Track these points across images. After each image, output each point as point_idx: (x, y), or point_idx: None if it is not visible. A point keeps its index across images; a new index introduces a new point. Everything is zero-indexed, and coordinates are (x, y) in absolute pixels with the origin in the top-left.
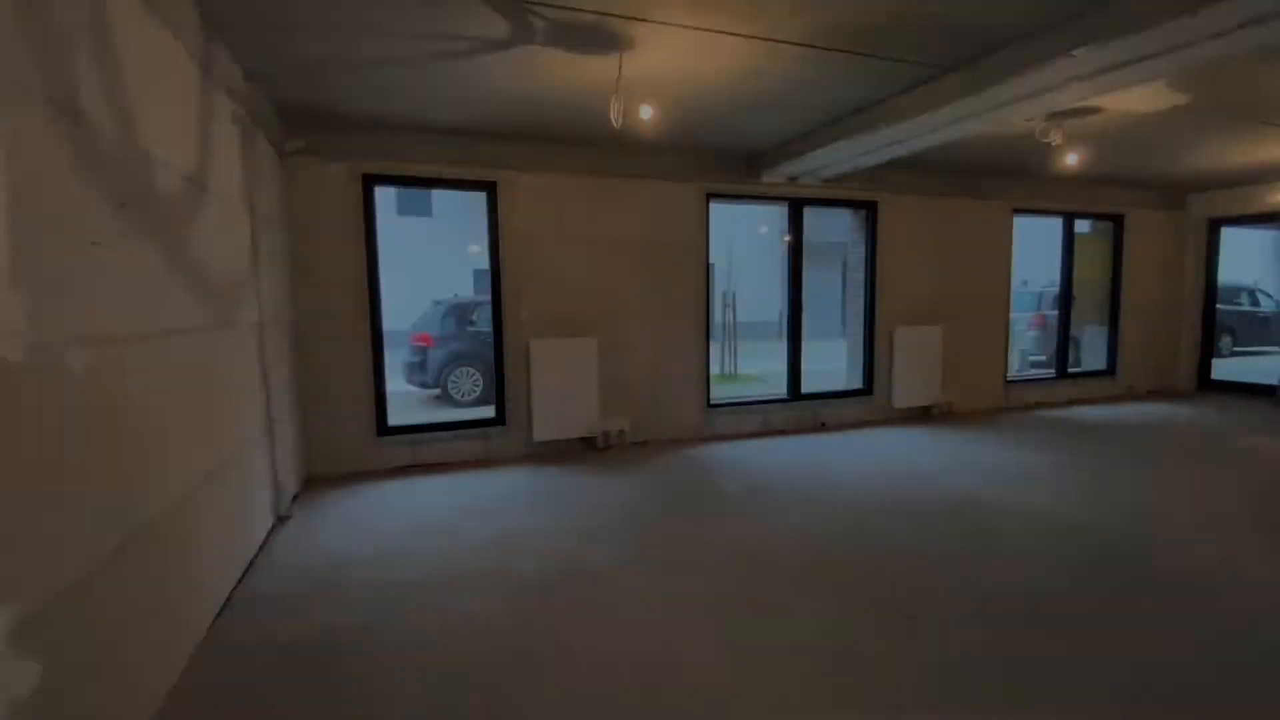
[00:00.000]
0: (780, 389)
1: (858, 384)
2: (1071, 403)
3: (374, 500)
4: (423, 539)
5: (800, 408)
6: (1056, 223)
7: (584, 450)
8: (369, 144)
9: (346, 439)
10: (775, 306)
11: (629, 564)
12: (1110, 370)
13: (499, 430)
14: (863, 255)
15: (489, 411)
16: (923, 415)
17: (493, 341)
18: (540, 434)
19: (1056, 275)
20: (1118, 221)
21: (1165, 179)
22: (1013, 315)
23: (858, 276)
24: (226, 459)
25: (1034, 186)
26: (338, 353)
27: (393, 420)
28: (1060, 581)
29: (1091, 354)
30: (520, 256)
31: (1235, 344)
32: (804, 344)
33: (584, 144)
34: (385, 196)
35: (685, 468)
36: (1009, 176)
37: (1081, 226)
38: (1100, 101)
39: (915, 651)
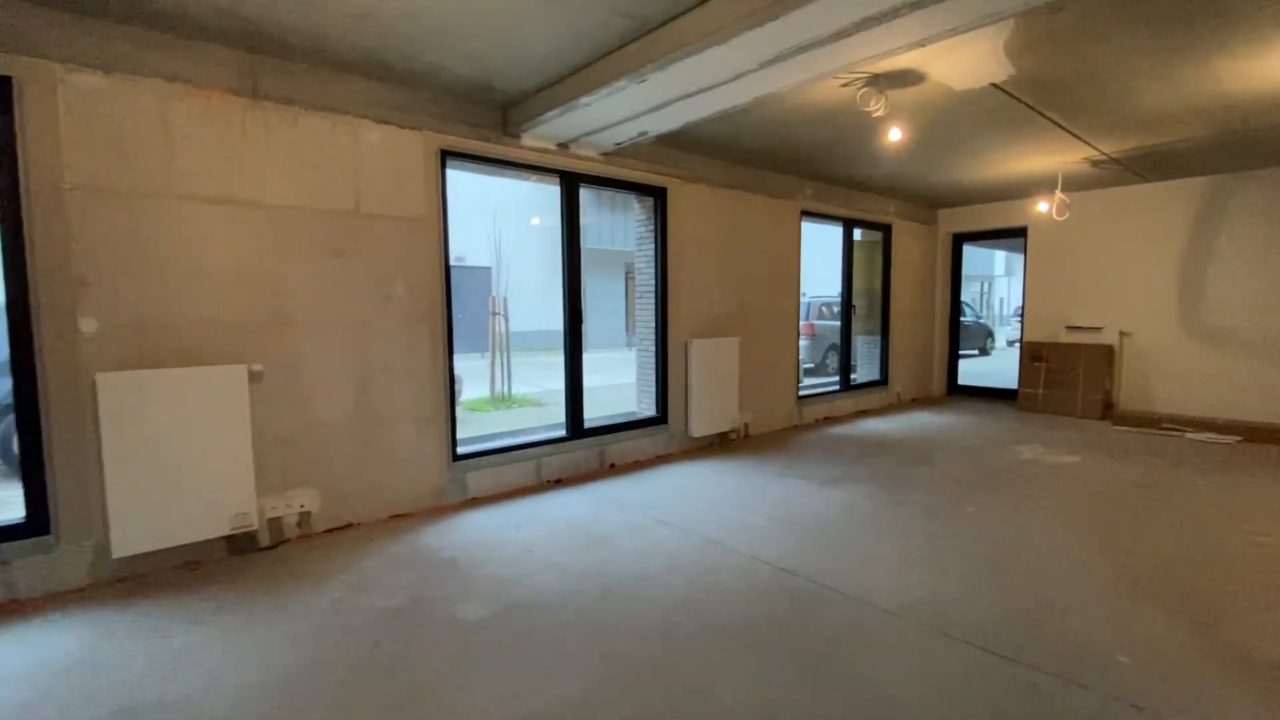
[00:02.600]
0: (562, 416)
1: (650, 410)
2: (855, 415)
3: None
4: None
5: (583, 447)
6: (822, 229)
7: (228, 559)
8: None
9: None
10: (558, 314)
11: None
12: (883, 380)
13: (38, 545)
14: (652, 252)
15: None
16: (721, 443)
17: (13, 380)
18: (128, 544)
19: (818, 285)
20: (886, 231)
21: (924, 193)
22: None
23: (647, 278)
24: None
25: (820, 190)
26: None
27: None
28: None
29: (862, 364)
30: (84, 225)
31: None
32: (585, 364)
33: (218, 35)
34: None
35: (404, 573)
36: (799, 174)
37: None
38: (925, 66)
39: None
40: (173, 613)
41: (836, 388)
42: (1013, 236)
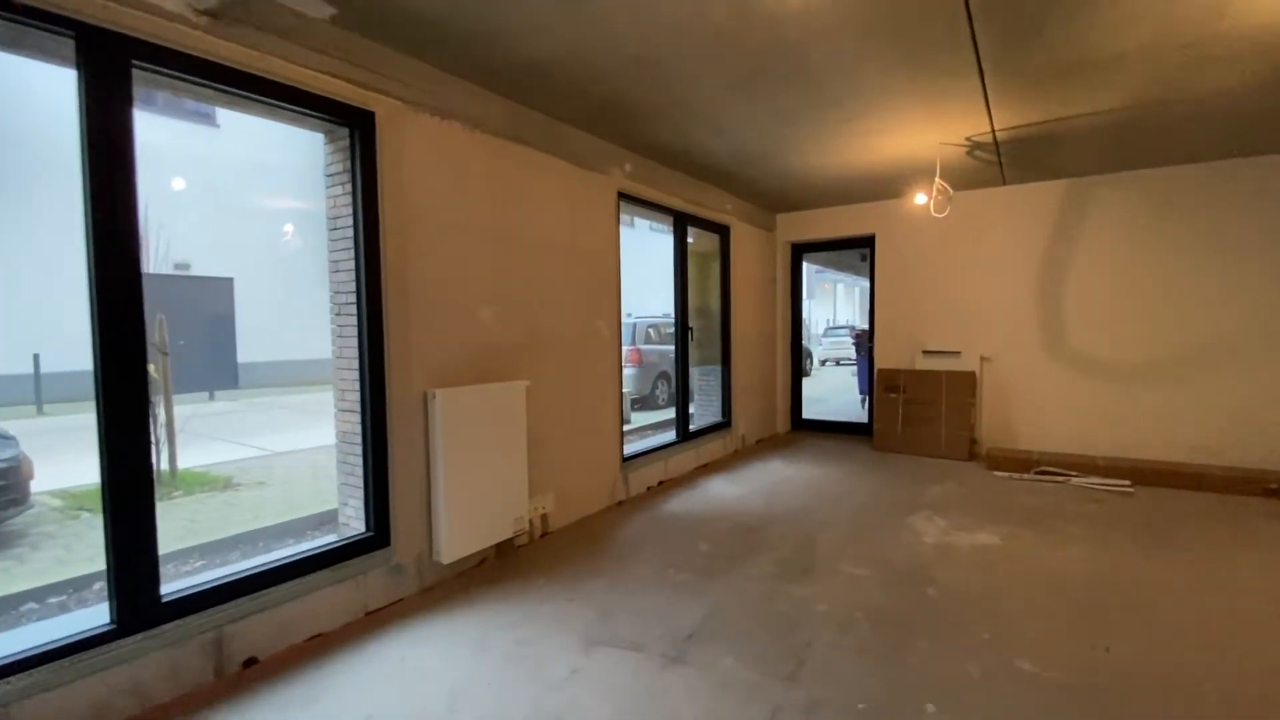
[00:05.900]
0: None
1: (358, 522)
2: (697, 472)
3: None
4: None
5: (165, 641)
6: (640, 235)
7: None
8: None
9: None
10: (314, 337)
11: None
12: (726, 421)
13: None
14: (353, 231)
15: None
16: (496, 560)
17: None
18: None
19: (638, 303)
20: (724, 235)
21: (766, 188)
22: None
23: (345, 280)
24: None
25: (644, 167)
26: None
27: None
28: None
29: (699, 398)
30: None
31: None
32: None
33: None
34: None
35: None
36: (615, 137)
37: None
38: None
39: None
40: None
41: (674, 439)
42: (858, 246)
